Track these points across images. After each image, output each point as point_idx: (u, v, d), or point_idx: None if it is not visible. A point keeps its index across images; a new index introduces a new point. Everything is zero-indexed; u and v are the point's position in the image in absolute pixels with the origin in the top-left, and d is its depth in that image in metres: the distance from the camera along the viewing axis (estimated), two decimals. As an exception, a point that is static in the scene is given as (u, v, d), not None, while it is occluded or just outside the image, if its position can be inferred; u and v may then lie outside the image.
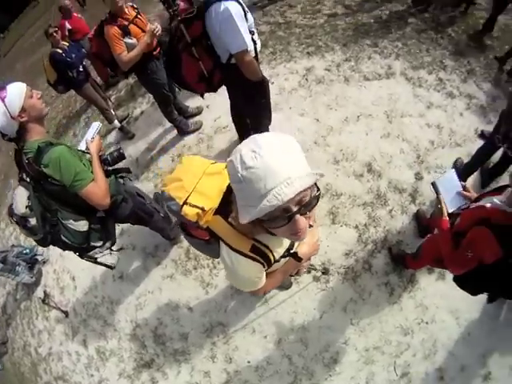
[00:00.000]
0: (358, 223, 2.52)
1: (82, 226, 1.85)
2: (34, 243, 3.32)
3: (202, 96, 2.54)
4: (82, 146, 1.97)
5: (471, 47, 4.41)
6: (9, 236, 4.38)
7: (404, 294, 2.21)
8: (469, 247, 1.32)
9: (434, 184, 1.64)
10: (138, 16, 2.97)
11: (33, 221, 1.67)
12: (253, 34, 2.05)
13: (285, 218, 0.72)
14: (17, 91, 1.59)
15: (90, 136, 1.99)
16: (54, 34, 4.08)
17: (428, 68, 3.91)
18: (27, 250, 3.72)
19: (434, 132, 3.17)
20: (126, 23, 2.81)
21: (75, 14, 5.47)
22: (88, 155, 1.89)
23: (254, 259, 0.93)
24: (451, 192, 1.60)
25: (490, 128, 3.18)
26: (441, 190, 1.60)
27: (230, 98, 2.71)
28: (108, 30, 2.74)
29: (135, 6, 3.02)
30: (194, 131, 3.86)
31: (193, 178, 1.21)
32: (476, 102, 3.52)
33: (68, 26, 5.25)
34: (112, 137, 4.56)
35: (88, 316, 3.04)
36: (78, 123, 5.52)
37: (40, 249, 3.78)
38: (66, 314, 3.16)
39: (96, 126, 2.06)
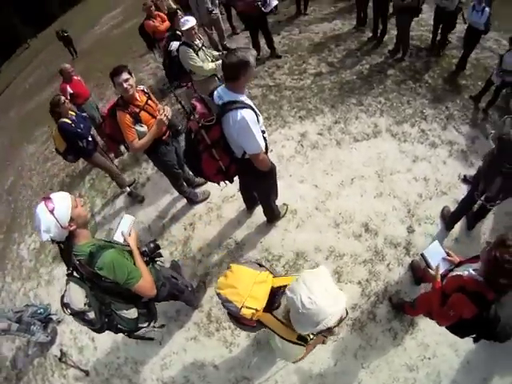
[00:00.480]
0: (360, 279, 3.03)
1: (133, 313, 2.12)
2: (47, 302, 4.12)
3: (218, 184, 2.87)
4: (118, 238, 2.13)
5: (447, 91, 5.09)
6: (16, 291, 4.64)
7: (406, 336, 2.71)
8: (451, 308, 1.82)
9: (422, 255, 2.16)
10: (149, 101, 3.22)
11: (91, 314, 1.87)
12: (264, 133, 2.48)
13: (325, 331, 1.38)
14: (64, 203, 1.76)
15: (126, 230, 2.14)
16: (66, 104, 4.22)
17: (410, 121, 4.57)
18: (41, 310, 3.86)
19: (421, 185, 3.77)
20: (137, 110, 3.07)
21: (75, 77, 5.66)
22: (127, 247, 2.12)
23: (299, 344, 1.56)
24: (437, 259, 2.12)
25: (471, 171, 3.80)
26: (429, 259, 2.12)
27: (240, 179, 3.06)
28: (120, 117, 3.00)
29: (146, 89, 3.30)
30: (202, 201, 4.28)
31: (246, 286, 1.64)
32: (457, 148, 4.16)
33: (70, 90, 5.45)
34: (121, 201, 4.94)
35: (111, 375, 3.20)
36: (82, 184, 5.80)
37: (54, 308, 3.97)
38: (87, 372, 3.26)
39: (130, 219, 2.21)
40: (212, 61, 4.28)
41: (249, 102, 2.38)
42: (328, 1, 8.97)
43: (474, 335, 1.92)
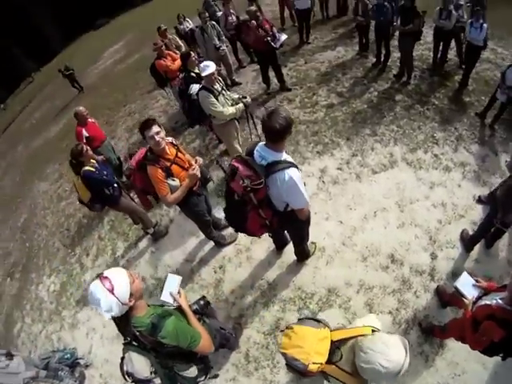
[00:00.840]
0: (390, 309, 3.42)
1: (193, 371, 2.24)
2: (73, 346, 4.25)
3: (259, 237, 3.17)
4: (166, 299, 2.21)
5: (454, 111, 5.56)
6: (37, 333, 4.80)
7: (437, 357, 3.07)
8: (483, 334, 2.14)
9: (456, 288, 2.51)
10: (178, 154, 3.32)
11: (157, 380, 1.94)
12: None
13: None
14: (123, 281, 1.76)
15: (174, 289, 2.21)
16: (88, 152, 4.24)
17: (423, 147, 5.02)
18: (68, 355, 3.95)
19: (440, 210, 4.18)
20: (168, 164, 3.14)
21: (90, 120, 5.80)
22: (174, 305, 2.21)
23: None
24: (469, 288, 2.46)
25: (485, 190, 4.25)
26: (462, 290, 2.47)
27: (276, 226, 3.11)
28: (151, 172, 3.06)
29: (174, 141, 3.41)
30: (230, 243, 4.47)
31: (311, 345, 1.84)
32: (469, 169, 4.60)
33: (85, 133, 5.57)
34: (144, 244, 5.15)
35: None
36: (101, 225, 5.94)
37: (81, 353, 4.11)
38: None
39: (177, 279, 2.27)
40: (232, 104, 4.44)
41: (290, 158, 2.55)
42: (328, 28, 9.65)
43: (501, 354, 2.23)
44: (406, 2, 5.95)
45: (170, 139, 3.35)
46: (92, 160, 4.32)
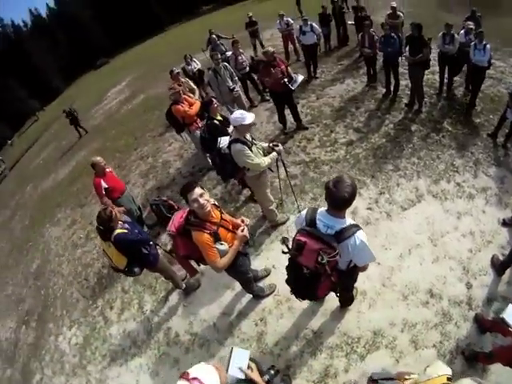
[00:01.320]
0: (434, 342, 3.65)
1: None
2: None
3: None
4: (235, 373, 2.19)
5: (467, 135, 6.12)
6: None
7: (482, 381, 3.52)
8: None
9: (503, 320, 2.73)
10: (223, 216, 3.33)
11: None
12: None
13: None
14: (214, 380, 1.70)
15: (243, 364, 2.22)
16: (117, 216, 4.07)
17: (445, 176, 5.53)
18: None
19: (469, 239, 4.63)
20: (215, 228, 3.11)
21: (108, 170, 5.77)
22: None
23: None
24: None
25: (507, 212, 4.75)
26: (508, 320, 2.81)
27: None
28: (199, 238, 2.99)
29: (216, 203, 3.39)
30: (269, 295, 4.53)
31: None
32: (490, 193, 5.12)
33: (104, 184, 5.51)
34: (175, 298, 5.18)
35: None
36: (124, 277, 5.69)
37: None
38: None
39: (245, 353, 2.28)
40: (265, 154, 4.45)
41: (352, 220, 2.63)
42: (332, 60, 10.45)
43: None
44: (413, 31, 6.50)
45: (212, 201, 3.28)
46: (120, 221, 4.14)
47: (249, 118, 4.10)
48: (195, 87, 8.52)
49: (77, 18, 60.29)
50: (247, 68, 9.22)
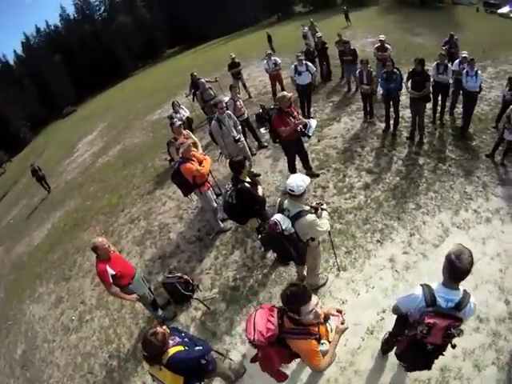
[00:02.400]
0: (492, 360, 4.24)
1: None
2: None
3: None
4: None
5: (469, 160, 7.16)
6: None
7: None
8: None
9: None
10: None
11: None
12: None
13: None
14: None
15: None
16: (169, 334, 3.47)
17: (462, 206, 6.44)
18: None
19: (497, 260, 5.42)
20: (317, 329, 3.07)
21: (112, 252, 5.22)
22: None
23: None
24: None
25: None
26: None
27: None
28: (304, 347, 2.98)
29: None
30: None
31: None
32: (503, 212, 6.07)
33: (111, 271, 4.94)
34: None
35: None
36: (141, 369, 5.31)
37: None
38: None
39: None
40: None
41: (461, 287, 2.85)
42: (322, 97, 11.47)
43: None
44: (416, 66, 7.33)
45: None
46: (164, 327, 3.52)
47: (306, 179, 4.07)
48: (197, 140, 7.63)
49: (44, 65, 63.93)
50: (246, 114, 9.40)
